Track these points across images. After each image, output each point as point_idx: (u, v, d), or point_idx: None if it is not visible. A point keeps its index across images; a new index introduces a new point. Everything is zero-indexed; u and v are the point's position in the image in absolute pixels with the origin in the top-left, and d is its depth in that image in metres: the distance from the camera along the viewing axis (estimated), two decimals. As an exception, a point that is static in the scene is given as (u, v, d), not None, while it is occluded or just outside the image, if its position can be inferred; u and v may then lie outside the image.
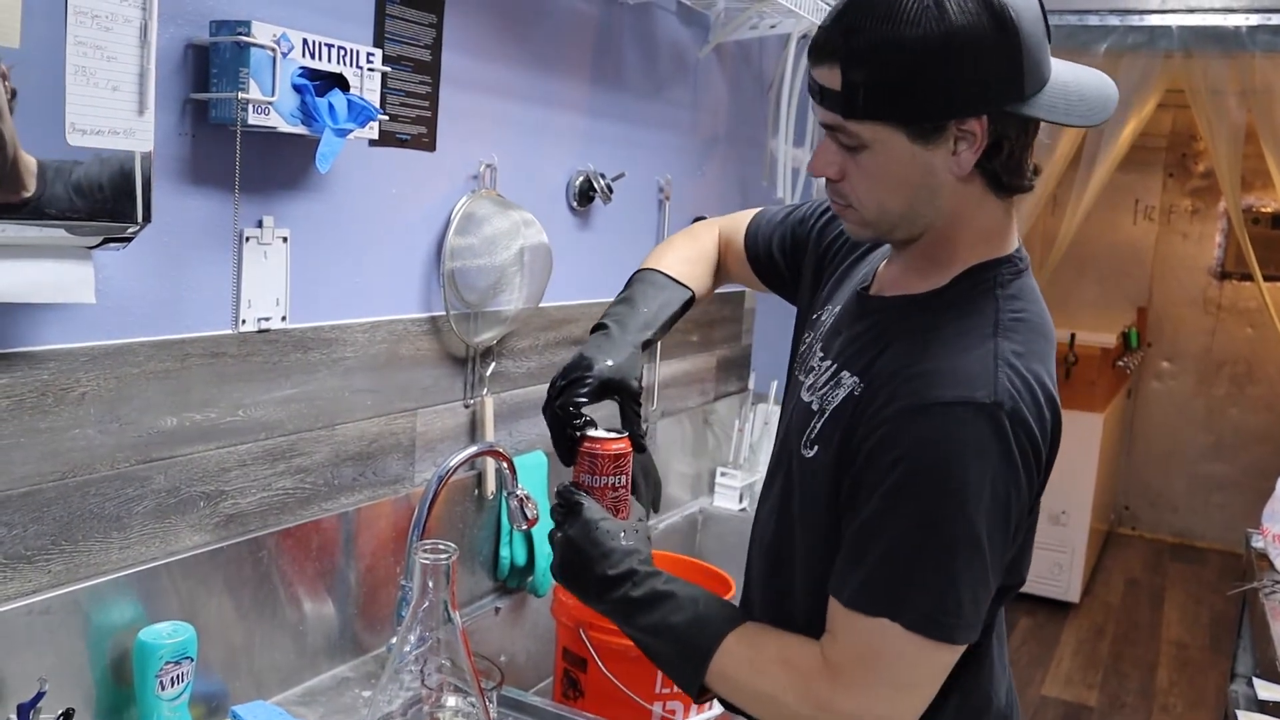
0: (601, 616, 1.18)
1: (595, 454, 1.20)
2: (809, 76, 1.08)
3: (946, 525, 1.00)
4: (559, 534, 1.17)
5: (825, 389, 1.14)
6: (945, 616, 1.01)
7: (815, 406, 1.15)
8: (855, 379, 1.10)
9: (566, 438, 1.22)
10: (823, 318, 1.25)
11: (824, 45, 1.04)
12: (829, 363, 1.16)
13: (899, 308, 1.14)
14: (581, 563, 1.14)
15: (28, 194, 1.06)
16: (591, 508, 1.16)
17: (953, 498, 0.99)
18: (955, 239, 1.10)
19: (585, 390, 1.21)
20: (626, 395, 1.25)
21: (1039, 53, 1.02)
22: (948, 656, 1.04)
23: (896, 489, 1.01)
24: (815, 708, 1.04)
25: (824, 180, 1.12)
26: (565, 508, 1.17)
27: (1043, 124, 1.07)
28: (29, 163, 1.06)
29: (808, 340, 1.26)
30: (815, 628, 1.09)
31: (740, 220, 1.51)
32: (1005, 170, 1.06)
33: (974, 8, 0.97)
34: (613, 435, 1.22)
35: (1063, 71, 1.07)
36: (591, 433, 1.21)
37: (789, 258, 1.43)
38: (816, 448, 1.12)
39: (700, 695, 1.12)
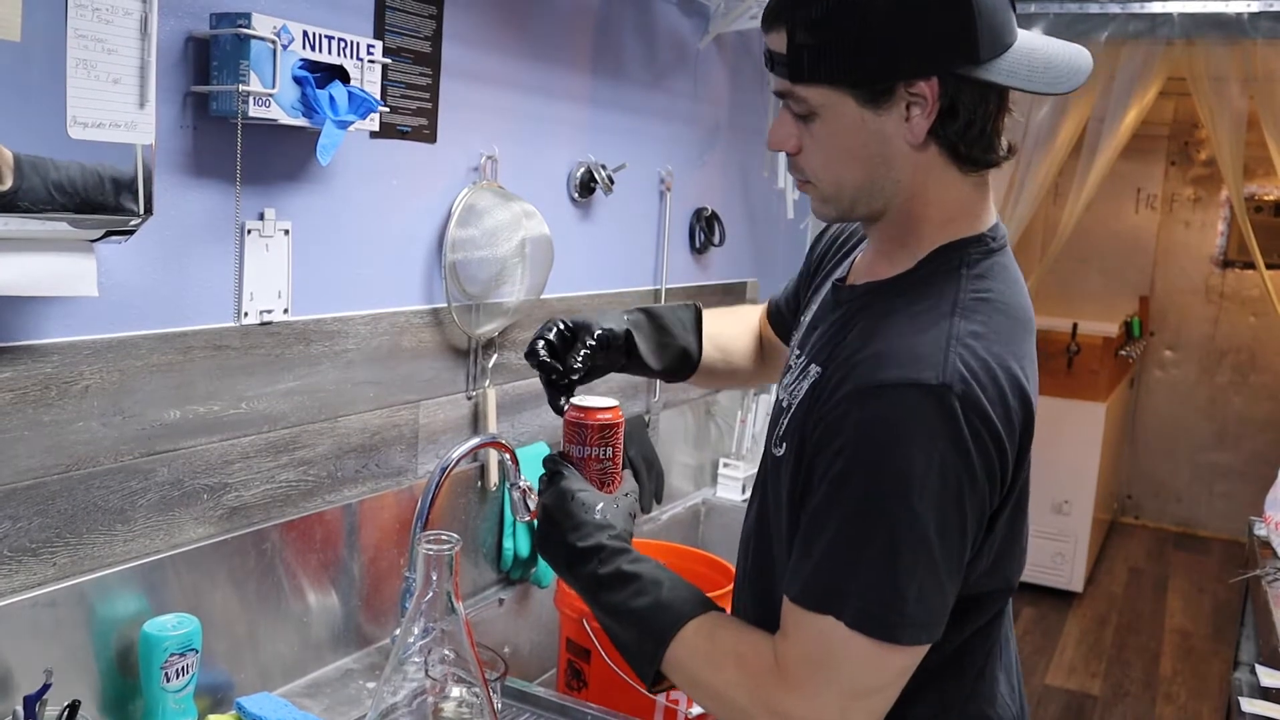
0: None
1: (582, 424, 1.16)
2: (763, 46, 1.06)
3: (887, 515, 0.93)
4: (539, 502, 1.15)
5: (794, 384, 1.11)
6: (888, 613, 0.94)
7: (785, 403, 1.12)
8: (819, 369, 1.07)
9: (548, 385, 1.22)
10: (805, 319, 1.23)
11: (772, 10, 1.03)
12: (802, 358, 1.13)
13: (866, 294, 1.10)
14: (553, 533, 1.12)
15: (4, 187, 1.04)
16: (572, 478, 1.14)
17: (894, 485, 0.93)
18: (921, 218, 1.06)
19: (553, 331, 1.23)
20: (585, 334, 1.24)
21: (995, 16, 0.98)
22: (900, 659, 0.97)
23: (840, 477, 0.96)
24: (764, 709, 0.99)
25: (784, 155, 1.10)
26: (547, 476, 1.16)
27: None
28: (6, 156, 1.04)
29: (794, 342, 1.24)
30: None
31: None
32: (964, 140, 1.02)
33: None
34: (601, 405, 1.18)
35: (1031, 39, 1.03)
36: (578, 401, 1.18)
37: (797, 302, 1.41)
38: (785, 444, 1.08)
39: (655, 684, 1.07)
